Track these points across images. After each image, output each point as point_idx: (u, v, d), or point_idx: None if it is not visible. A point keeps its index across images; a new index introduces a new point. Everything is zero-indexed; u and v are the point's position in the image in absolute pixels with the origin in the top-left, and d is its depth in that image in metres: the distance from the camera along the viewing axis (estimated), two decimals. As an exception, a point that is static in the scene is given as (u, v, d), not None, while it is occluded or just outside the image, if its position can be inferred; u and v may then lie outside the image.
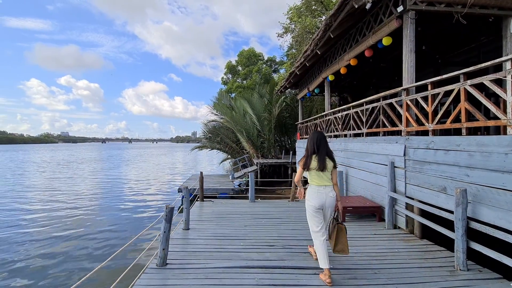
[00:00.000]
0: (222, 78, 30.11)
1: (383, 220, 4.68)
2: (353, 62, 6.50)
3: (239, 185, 12.37)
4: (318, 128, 8.98)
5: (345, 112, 6.84)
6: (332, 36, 5.99)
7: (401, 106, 4.56)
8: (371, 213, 5.01)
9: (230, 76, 29.15)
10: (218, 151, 18.52)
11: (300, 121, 11.83)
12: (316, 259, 3.05)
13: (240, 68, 28.26)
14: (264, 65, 26.82)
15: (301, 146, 11.20)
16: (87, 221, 8.07)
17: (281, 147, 18.77)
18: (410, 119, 4.25)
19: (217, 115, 18.65)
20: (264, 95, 15.96)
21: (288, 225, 4.70)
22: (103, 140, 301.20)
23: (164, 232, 3.07)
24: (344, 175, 6.46)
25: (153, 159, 38.89)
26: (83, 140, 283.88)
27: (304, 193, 3.23)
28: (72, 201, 10.49)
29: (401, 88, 4.45)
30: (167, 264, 3.12)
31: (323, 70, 8.32)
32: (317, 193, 2.94)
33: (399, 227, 4.40)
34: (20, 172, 22.12)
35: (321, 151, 2.93)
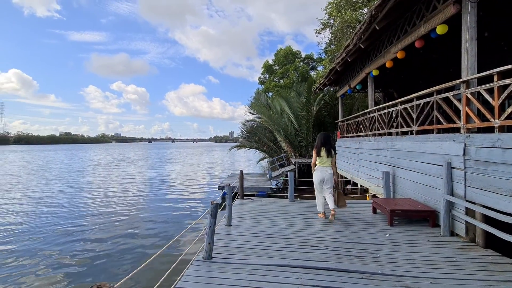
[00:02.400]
0: (259, 78, 30.34)
1: (438, 225, 4.28)
2: (400, 55, 6.06)
3: (276, 184, 12.36)
4: (361, 127, 8.56)
5: (392, 109, 6.40)
6: (377, 28, 5.64)
7: (459, 100, 4.12)
8: (423, 217, 4.62)
9: (267, 75, 29.23)
10: (256, 150, 18.72)
11: (340, 119, 11.39)
12: (324, 218, 5.00)
13: (277, 67, 28.18)
14: (302, 63, 26.36)
15: (341, 145, 10.78)
16: (135, 217, 8.68)
17: (320, 147, 18.25)
18: (471, 115, 3.82)
19: (254, 114, 18.86)
20: (302, 93, 15.69)
21: (329, 226, 4.56)
22: (150, 140, 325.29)
23: (210, 227, 3.20)
24: (391, 176, 6.06)
25: (193, 158, 40.83)
26: (132, 140, 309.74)
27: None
28: (122, 198, 11.41)
29: (460, 80, 4.02)
30: (212, 257, 3.25)
31: (366, 65, 7.90)
32: (321, 171, 4.93)
33: (457, 234, 3.98)
34: (79, 169, 24.96)
35: (327, 145, 4.94)
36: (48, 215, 8.83)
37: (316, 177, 4.94)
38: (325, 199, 5.00)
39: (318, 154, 4.89)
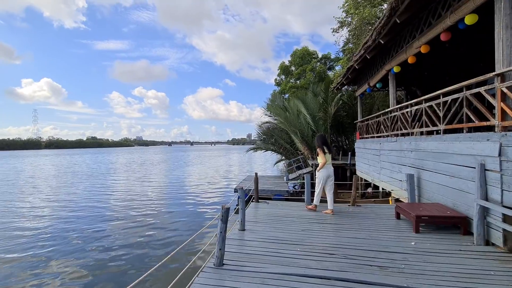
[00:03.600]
0: (275, 79, 30.15)
1: (470, 233, 3.90)
2: (424, 49, 5.68)
3: (293, 187, 12.10)
4: (382, 127, 8.15)
5: (415, 107, 6.02)
6: (398, 22, 5.32)
7: (493, 95, 3.74)
8: (453, 224, 4.24)
9: (283, 77, 28.98)
10: (272, 152, 18.54)
11: (359, 119, 10.96)
12: (313, 209, 5.77)
13: (293, 68, 27.86)
14: (318, 63, 25.89)
15: (361, 146, 10.35)
16: (150, 219, 8.71)
17: (338, 148, 17.78)
18: (508, 111, 3.44)
19: (270, 116, 18.70)
20: (319, 93, 15.33)
21: (349, 233, 4.30)
22: (170, 143, 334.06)
23: (221, 232, 3.09)
24: (416, 178, 5.66)
25: (211, 160, 41.28)
26: (153, 143, 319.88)
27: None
28: (138, 201, 11.58)
29: (494, 73, 3.64)
30: (223, 264, 3.13)
31: (387, 61, 7.52)
32: (328, 168, 5.58)
33: (493, 244, 3.59)
34: (102, 172, 25.96)
35: (327, 144, 5.65)
36: (68, 216, 9.15)
37: (323, 174, 5.53)
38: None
39: (325, 152, 5.48)
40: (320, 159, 5.49)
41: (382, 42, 6.48)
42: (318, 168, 5.60)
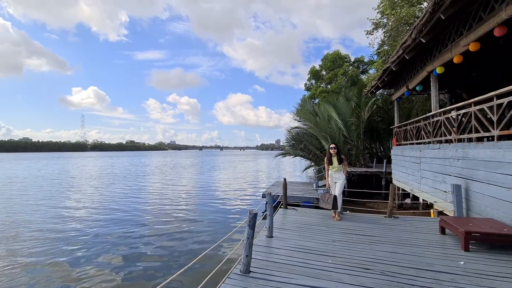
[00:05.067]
0: (305, 84, 29.78)
1: (535, 256, 3.36)
2: (473, 47, 5.14)
3: (324, 193, 11.64)
4: (422, 132, 7.53)
5: (462, 111, 5.45)
6: (443, 18, 4.89)
7: None
8: (511, 244, 3.69)
9: (314, 81, 28.51)
10: (301, 158, 18.15)
11: (396, 125, 10.28)
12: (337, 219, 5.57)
13: (324, 72, 27.30)
14: (351, 67, 25.05)
15: (398, 153, 9.68)
16: (177, 221, 8.82)
17: (372, 155, 16.88)
18: None
19: (300, 121, 18.38)
20: (351, 98, 14.75)
21: (386, 246, 3.95)
22: (200, 148, 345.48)
23: (248, 238, 2.99)
24: (463, 190, 5.09)
25: (240, 165, 41.68)
26: (185, 147, 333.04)
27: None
28: (167, 204, 11.83)
29: None
30: (250, 272, 3.03)
31: (428, 62, 6.96)
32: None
33: None
34: (137, 174, 27.45)
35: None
36: (100, 216, 9.71)
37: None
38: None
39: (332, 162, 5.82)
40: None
41: (424, 41, 6.01)
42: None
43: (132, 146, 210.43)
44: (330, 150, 5.76)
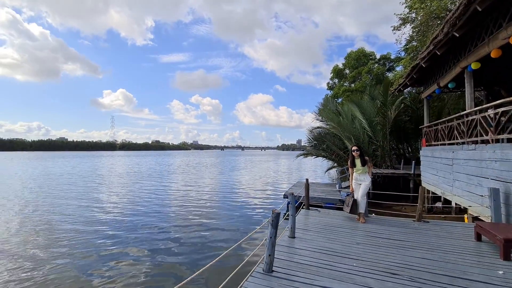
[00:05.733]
0: (328, 83, 29.17)
1: None
2: (514, 40, 4.75)
3: (347, 196, 11.34)
4: (455, 132, 7.08)
5: (502, 109, 5.05)
6: (479, 9, 4.57)
7: None
8: (559, 254, 3.37)
9: (337, 80, 27.86)
10: (324, 158, 17.79)
11: (425, 124, 9.76)
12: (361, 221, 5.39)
13: (347, 71, 26.58)
14: (376, 65, 24.16)
15: (428, 154, 9.18)
16: (198, 219, 8.95)
17: (399, 156, 16.17)
18: None
19: (322, 121, 18.05)
20: (377, 97, 14.21)
21: (416, 252, 3.76)
22: (222, 148, 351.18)
23: (270, 237, 3.00)
24: (502, 194, 4.72)
25: (261, 165, 41.76)
26: (208, 147, 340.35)
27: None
28: (189, 202, 12.08)
29: None
30: (273, 271, 3.03)
31: (462, 57, 6.54)
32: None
33: None
34: (162, 172, 28.43)
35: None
36: (125, 212, 10.17)
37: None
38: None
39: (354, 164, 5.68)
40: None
41: (457, 35, 5.65)
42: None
43: (157, 146, 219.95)
44: (353, 152, 5.61)
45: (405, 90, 13.42)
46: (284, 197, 11.23)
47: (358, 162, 5.55)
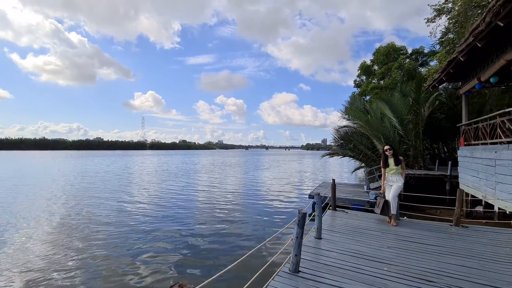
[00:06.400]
0: (355, 81, 28.20)
1: None
2: None
3: (375, 197, 10.90)
4: (498, 131, 6.50)
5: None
6: (528, -4, 4.14)
7: None
8: None
9: (364, 77, 26.83)
10: (350, 158, 17.24)
11: (464, 122, 9.07)
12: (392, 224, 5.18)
13: (376, 67, 25.49)
14: (408, 60, 22.88)
15: (466, 154, 8.53)
16: (223, 219, 9.02)
17: (433, 156, 15.20)
18: None
19: (349, 120, 17.47)
20: (408, 93, 13.46)
21: (453, 258, 3.52)
22: (247, 147, 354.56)
23: (297, 237, 2.98)
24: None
25: (285, 165, 41.47)
26: (232, 147, 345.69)
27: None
28: (214, 200, 12.32)
29: None
30: (299, 271, 3.00)
31: (507, 49, 5.98)
32: None
33: None
34: (189, 171, 29.30)
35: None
36: (154, 210, 10.61)
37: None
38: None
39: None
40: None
41: (501, 25, 5.17)
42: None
43: (184, 145, 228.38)
44: (385, 152, 5.39)
45: (440, 86, 12.57)
46: (309, 197, 11.08)
47: (391, 161, 5.34)
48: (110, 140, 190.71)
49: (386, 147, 5.43)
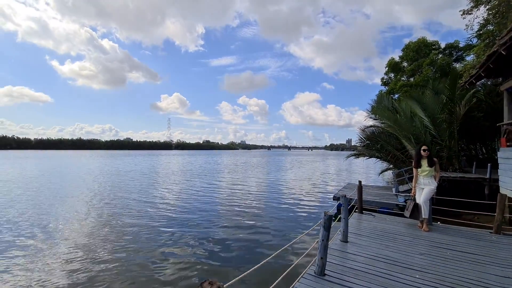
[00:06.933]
0: (382, 78, 27.08)
1: None
2: None
3: (405, 201, 10.39)
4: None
5: None
6: None
7: None
8: None
9: (392, 75, 25.69)
10: (377, 159, 16.57)
11: (506, 121, 8.35)
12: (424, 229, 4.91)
13: (405, 64, 24.29)
14: (440, 55, 21.55)
15: (508, 156, 7.84)
16: (246, 219, 9.04)
17: (470, 158, 14.16)
18: None
19: (376, 119, 16.80)
20: (442, 91, 12.65)
21: (493, 268, 3.26)
22: (269, 147, 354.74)
23: (322, 240, 2.93)
24: None
25: (308, 165, 40.85)
26: (255, 147, 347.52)
27: None
28: (238, 200, 12.43)
29: None
30: (325, 274, 2.95)
31: (559, 40, 5.41)
32: None
33: None
34: (212, 171, 29.88)
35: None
36: (178, 210, 10.92)
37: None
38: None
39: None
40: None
41: (551, 14, 4.70)
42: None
43: (207, 146, 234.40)
44: (421, 152, 5.12)
45: (477, 83, 11.69)
46: (333, 199, 10.83)
47: (424, 163, 5.06)
48: (138, 140, 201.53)
49: (424, 147, 5.14)
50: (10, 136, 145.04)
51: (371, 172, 28.66)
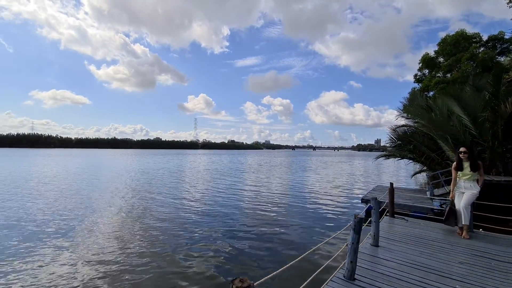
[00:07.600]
0: (415, 75, 25.56)
1: None
2: None
3: (441, 205, 9.72)
4: None
5: None
6: None
7: None
8: None
9: (427, 71, 24.16)
10: (409, 161, 15.68)
11: (562, 119, 7.49)
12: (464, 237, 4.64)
13: (441, 59, 22.73)
14: (482, 48, 19.87)
15: None
16: (271, 220, 8.96)
17: (516, 160, 12.87)
18: None
19: (408, 118, 15.91)
20: (484, 87, 11.67)
21: (548, 283, 2.95)
22: (293, 147, 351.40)
23: (352, 243, 2.84)
24: None
25: (334, 166, 39.83)
26: (279, 147, 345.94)
27: None
28: (262, 201, 12.37)
29: None
30: (355, 279, 2.86)
31: None
32: None
33: None
34: (239, 171, 30.23)
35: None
36: (202, 209, 11.16)
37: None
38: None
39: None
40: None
41: None
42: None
43: (232, 145, 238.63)
44: (459, 154, 4.79)
45: (527, 77, 10.62)
46: (362, 202, 10.47)
47: (466, 165, 4.72)
48: (167, 140, 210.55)
49: (462, 149, 4.80)
50: (54, 135, 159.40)
51: (401, 174, 27.23)
